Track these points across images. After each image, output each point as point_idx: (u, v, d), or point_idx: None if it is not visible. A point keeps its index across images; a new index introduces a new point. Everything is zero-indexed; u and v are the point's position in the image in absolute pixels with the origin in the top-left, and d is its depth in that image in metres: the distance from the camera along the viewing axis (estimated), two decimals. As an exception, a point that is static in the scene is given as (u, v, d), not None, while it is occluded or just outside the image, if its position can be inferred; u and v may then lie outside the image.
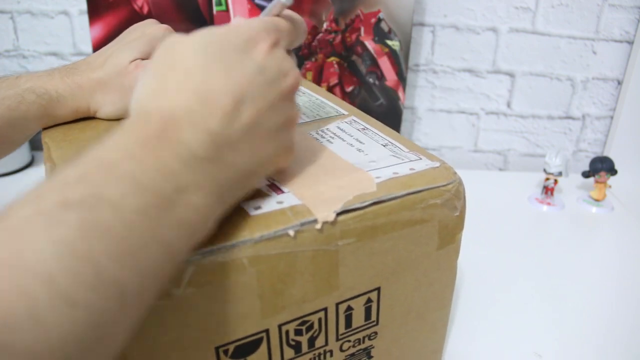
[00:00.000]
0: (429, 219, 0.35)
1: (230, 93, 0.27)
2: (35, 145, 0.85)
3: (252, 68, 0.28)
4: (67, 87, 0.43)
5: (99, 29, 0.77)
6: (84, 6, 0.81)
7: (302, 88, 0.55)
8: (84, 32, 0.83)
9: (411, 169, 0.36)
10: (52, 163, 0.38)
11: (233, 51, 0.28)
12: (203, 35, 0.28)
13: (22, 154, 0.81)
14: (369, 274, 0.34)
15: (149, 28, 0.46)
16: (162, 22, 0.47)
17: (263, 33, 0.29)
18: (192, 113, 0.26)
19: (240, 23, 0.30)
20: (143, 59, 0.44)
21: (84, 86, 0.44)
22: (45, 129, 0.45)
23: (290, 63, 0.30)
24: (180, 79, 0.27)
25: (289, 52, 0.34)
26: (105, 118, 0.45)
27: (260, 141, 0.28)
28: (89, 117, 0.46)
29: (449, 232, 0.37)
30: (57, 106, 0.43)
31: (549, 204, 0.79)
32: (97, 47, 0.77)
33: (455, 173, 0.37)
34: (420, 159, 0.38)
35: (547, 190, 0.80)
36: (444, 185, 0.35)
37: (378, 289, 0.35)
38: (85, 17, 0.81)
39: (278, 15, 0.33)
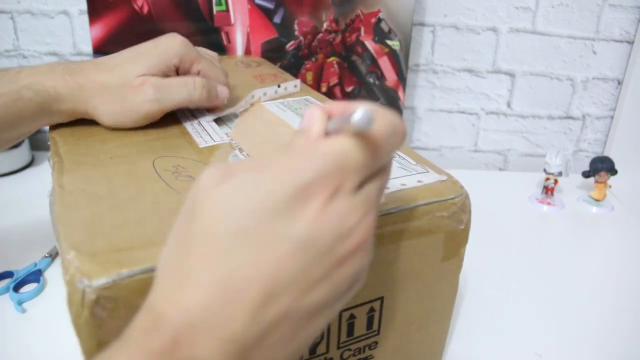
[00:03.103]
0: (435, 231, 0.35)
1: (261, 283, 0.21)
2: (36, 145, 0.85)
3: (290, 244, 0.21)
4: (67, 86, 0.42)
5: (99, 29, 0.76)
6: (84, 6, 0.80)
7: (309, 98, 0.54)
8: (84, 32, 0.83)
9: (419, 182, 0.36)
10: (60, 159, 0.38)
11: (272, 216, 0.21)
12: (242, 193, 0.22)
13: (22, 154, 0.81)
14: (374, 283, 0.34)
15: (165, 38, 0.45)
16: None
17: (319, 181, 0.22)
18: (211, 316, 0.21)
19: (294, 164, 0.22)
20: (153, 75, 0.44)
21: (85, 87, 0.42)
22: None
23: (357, 215, 0.23)
24: (199, 266, 0.21)
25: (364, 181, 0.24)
26: (102, 126, 0.44)
27: (300, 324, 0.22)
28: None
29: (454, 245, 0.37)
30: (55, 105, 0.42)
31: (549, 204, 0.79)
32: (97, 47, 0.77)
33: (462, 187, 0.37)
34: (428, 171, 0.38)
35: (548, 190, 0.80)
36: (451, 199, 0.35)
37: (381, 298, 0.35)
38: (86, 17, 0.81)
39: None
